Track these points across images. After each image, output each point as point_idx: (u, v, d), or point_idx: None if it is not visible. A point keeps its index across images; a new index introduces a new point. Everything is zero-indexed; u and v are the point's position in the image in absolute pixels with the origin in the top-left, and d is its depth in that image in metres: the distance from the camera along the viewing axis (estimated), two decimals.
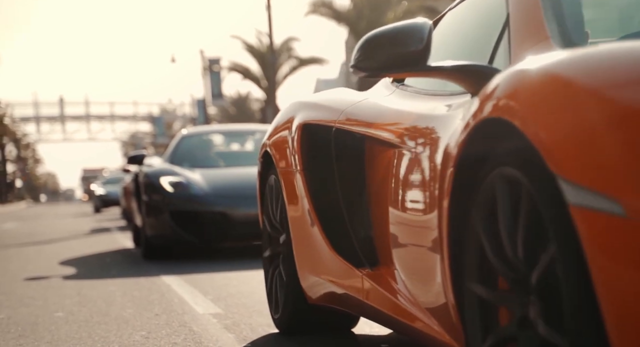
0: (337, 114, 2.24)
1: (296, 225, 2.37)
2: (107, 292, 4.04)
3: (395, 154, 1.89)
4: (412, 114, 1.90)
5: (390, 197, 1.88)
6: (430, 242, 1.60)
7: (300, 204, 2.32)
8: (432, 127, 1.73)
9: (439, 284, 1.56)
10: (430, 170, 1.64)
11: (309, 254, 2.32)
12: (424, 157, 1.70)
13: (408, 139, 1.83)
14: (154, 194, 5.78)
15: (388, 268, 1.93)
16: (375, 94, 2.28)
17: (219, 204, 5.60)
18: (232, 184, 5.79)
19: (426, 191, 1.65)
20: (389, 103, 2.10)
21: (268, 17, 20.41)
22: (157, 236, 5.72)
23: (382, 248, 1.99)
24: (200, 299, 3.62)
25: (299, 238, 2.37)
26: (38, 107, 52.92)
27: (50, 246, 8.18)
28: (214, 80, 33.33)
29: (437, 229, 1.53)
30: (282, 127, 2.54)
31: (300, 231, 2.35)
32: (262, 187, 2.76)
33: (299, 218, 2.34)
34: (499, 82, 1.30)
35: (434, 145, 1.65)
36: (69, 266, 5.77)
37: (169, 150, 6.83)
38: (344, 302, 2.20)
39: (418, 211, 1.70)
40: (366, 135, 2.08)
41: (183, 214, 5.62)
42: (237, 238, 5.64)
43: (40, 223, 15.25)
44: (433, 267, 1.58)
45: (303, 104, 2.50)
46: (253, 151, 6.88)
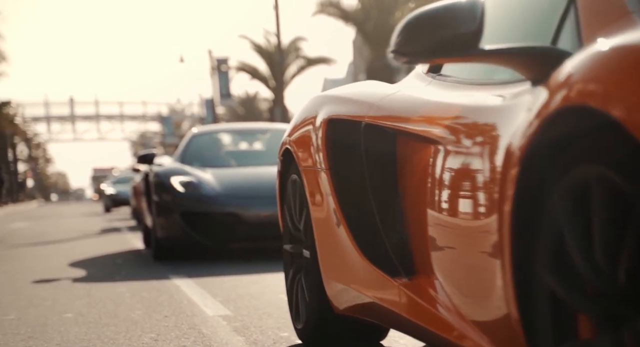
0: (366, 108, 2.03)
1: (321, 228, 2.17)
2: (116, 293, 4.03)
3: (435, 151, 1.68)
4: (456, 106, 1.67)
5: (430, 198, 1.67)
6: (486, 250, 1.38)
7: (325, 205, 2.13)
8: (485, 121, 1.51)
9: (497, 296, 1.34)
10: (484, 169, 1.43)
11: (335, 260, 2.12)
12: (475, 154, 1.49)
13: (452, 135, 1.62)
14: (165, 194, 5.65)
15: (428, 278, 1.73)
16: (409, 86, 2.06)
17: (230, 205, 5.47)
18: (244, 184, 5.65)
19: (480, 192, 1.43)
20: (427, 95, 1.87)
21: (276, 17, 20.42)
22: (167, 237, 5.61)
23: (419, 255, 1.78)
24: (210, 301, 3.60)
25: (324, 242, 2.16)
26: (48, 107, 53.22)
27: (61, 246, 8.20)
28: (222, 80, 33.37)
29: (495, 234, 1.33)
30: (304, 123, 2.33)
31: (325, 234, 2.15)
32: (282, 187, 2.56)
33: (324, 220, 2.15)
34: (575, 66, 1.11)
35: (489, 140, 1.44)
36: (78, 266, 5.78)
37: (180, 150, 6.66)
38: (376, 314, 1.99)
39: (469, 214, 1.49)
40: (400, 131, 1.87)
41: (194, 214, 5.50)
42: (249, 239, 5.53)
43: (50, 223, 15.32)
44: (489, 278, 1.37)
45: (328, 97, 2.28)
46: (265, 150, 6.73)
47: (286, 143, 2.46)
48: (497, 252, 1.33)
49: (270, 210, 5.26)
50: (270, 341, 2.62)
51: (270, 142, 6.84)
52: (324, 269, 2.18)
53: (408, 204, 1.84)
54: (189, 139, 6.76)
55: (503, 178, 1.31)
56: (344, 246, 2.04)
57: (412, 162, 1.82)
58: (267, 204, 5.30)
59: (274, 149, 6.73)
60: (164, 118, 52.66)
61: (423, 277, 1.75)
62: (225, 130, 7.55)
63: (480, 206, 1.43)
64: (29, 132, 48.24)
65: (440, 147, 1.66)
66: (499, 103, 1.52)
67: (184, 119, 60.22)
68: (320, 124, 2.20)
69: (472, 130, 1.58)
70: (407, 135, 1.85)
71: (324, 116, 2.20)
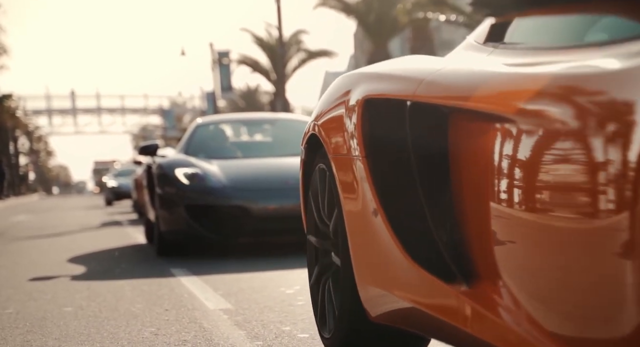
0: (414, 85, 1.67)
1: (355, 224, 1.85)
2: (116, 287, 4.00)
3: (508, 134, 1.34)
4: (543, 77, 1.28)
5: (500, 191, 1.36)
6: (613, 251, 1.08)
7: (360, 198, 1.80)
8: (600, 90, 1.13)
9: (622, 305, 1.07)
10: (596, 155, 1.11)
11: (372, 261, 1.80)
12: (585, 137, 1.13)
13: (540, 112, 1.25)
14: (169, 187, 5.41)
15: (493, 283, 1.42)
16: (462, 59, 1.72)
17: (237, 198, 5.23)
18: (251, 177, 5.41)
19: (597, 183, 1.10)
20: (492, 66, 1.52)
21: (277, 10, 20.32)
22: (171, 231, 5.36)
23: (480, 256, 1.47)
24: (211, 294, 3.57)
25: (359, 241, 1.85)
26: (50, 100, 53.18)
27: (61, 239, 8.17)
28: (223, 73, 33.29)
29: (626, 232, 1.04)
30: (336, 104, 1.99)
31: (360, 231, 1.83)
32: (305, 178, 2.25)
33: (359, 215, 1.83)
34: None
35: (608, 118, 1.09)
36: (78, 260, 5.75)
37: (183, 141, 6.38)
38: (419, 324, 1.68)
39: (575, 211, 1.16)
40: (456, 111, 1.54)
41: (199, 207, 5.26)
42: (256, 233, 5.28)
43: (51, 216, 15.30)
44: (608, 284, 1.09)
45: (363, 75, 1.93)
46: (273, 141, 6.48)
47: (312, 129, 2.13)
48: (627, 253, 1.05)
49: (278, 203, 5.17)
50: (272, 335, 2.58)
51: (278, 133, 6.58)
52: (358, 271, 1.86)
53: (465, 197, 1.52)
54: (194, 129, 6.48)
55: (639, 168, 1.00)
56: (384, 245, 1.73)
57: (471, 147, 1.49)
58: (275, 196, 5.21)
59: (282, 140, 6.36)
60: (166, 111, 52.62)
61: (486, 283, 1.44)
62: (231, 120, 7.12)
63: (601, 201, 1.11)
64: (30, 125, 48.21)
65: (517, 129, 1.31)
66: (620, 66, 1.12)
67: (185, 112, 60.13)
68: (355, 105, 1.85)
69: (575, 107, 1.19)
70: (465, 115, 1.51)
71: (360, 96, 1.85)
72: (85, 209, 19.17)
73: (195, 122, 6.68)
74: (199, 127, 6.53)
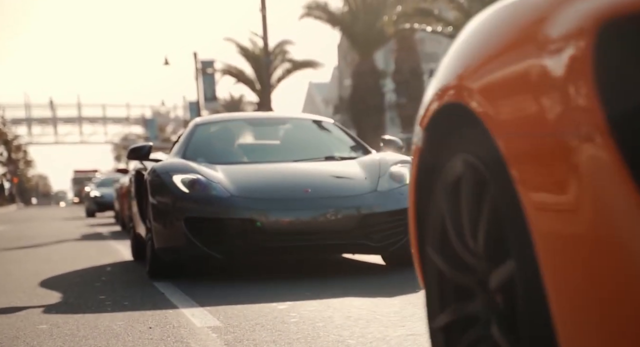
0: None
1: (570, 255, 0.94)
2: (96, 302, 3.76)
3: None
4: None
5: None
6: None
7: (590, 208, 0.90)
8: None
9: None
10: None
11: (607, 314, 0.88)
12: None
13: None
14: (164, 196, 4.45)
15: None
16: None
17: (247, 209, 4.28)
18: (263, 184, 4.48)
19: None
20: None
21: (262, 19, 20.18)
22: (168, 249, 4.43)
23: None
24: (197, 310, 3.35)
25: (575, 280, 0.94)
26: (30, 109, 52.48)
27: (38, 251, 7.87)
28: (207, 83, 33.06)
29: None
30: (519, 44, 1.03)
31: (579, 265, 0.93)
32: (423, 179, 1.39)
33: (579, 238, 0.92)
34: None
35: None
36: (56, 272, 5.48)
37: (180, 143, 5.39)
38: None
39: None
40: None
41: (201, 221, 4.32)
42: (269, 252, 4.32)
43: (29, 226, 14.90)
44: None
45: None
46: (283, 144, 5.50)
47: (450, 95, 1.23)
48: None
49: (294, 215, 4.29)
50: None
51: (289, 135, 5.63)
52: (570, 330, 0.95)
53: None
54: (192, 129, 5.47)
55: None
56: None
57: None
58: (290, 208, 4.32)
59: (295, 143, 5.54)
60: (148, 121, 52.17)
61: None
62: (234, 119, 6.00)
63: None
64: (9, 134, 47.48)
65: None
66: None
67: (168, 122, 59.69)
68: (580, 37, 0.90)
69: None
70: None
71: (587, 19, 0.89)
72: (64, 220, 18.75)
73: (193, 122, 5.69)
74: (198, 127, 5.52)
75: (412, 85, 28.20)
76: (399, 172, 4.64)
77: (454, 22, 16.05)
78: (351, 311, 3.13)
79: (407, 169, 4.65)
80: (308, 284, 4.06)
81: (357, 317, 2.99)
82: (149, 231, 4.76)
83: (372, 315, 3.03)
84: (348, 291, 3.74)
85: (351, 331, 2.71)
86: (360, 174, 4.64)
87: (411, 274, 4.41)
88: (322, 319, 2.97)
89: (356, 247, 4.43)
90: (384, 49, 33.35)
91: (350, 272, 4.72)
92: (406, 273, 4.44)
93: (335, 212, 4.31)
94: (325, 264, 5.11)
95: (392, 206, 4.41)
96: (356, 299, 3.46)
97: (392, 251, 4.44)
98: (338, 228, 4.30)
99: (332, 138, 5.58)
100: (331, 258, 5.43)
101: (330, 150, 5.33)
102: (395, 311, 3.12)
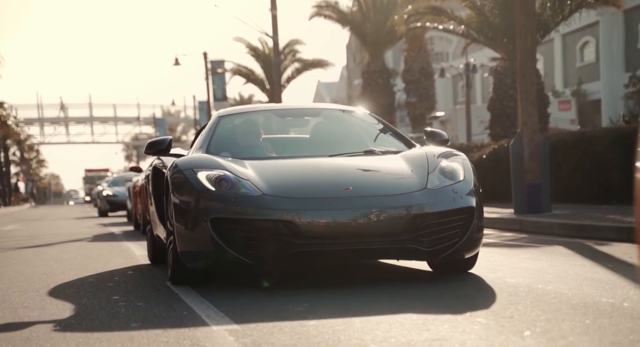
0: None
1: None
2: (110, 303, 3.70)
3: None
4: None
5: None
6: None
7: None
8: None
9: None
10: None
11: None
12: None
13: None
14: (189, 195, 3.98)
15: None
16: None
17: (282, 209, 3.79)
18: (297, 181, 3.99)
19: None
20: None
21: (272, 18, 20.10)
22: (192, 254, 3.96)
23: None
24: (213, 312, 3.27)
25: None
26: (42, 109, 52.75)
27: (50, 250, 7.84)
28: (217, 83, 33.07)
29: None
30: None
31: None
32: None
33: None
34: None
35: None
36: (68, 272, 5.43)
37: (203, 136, 4.88)
38: None
39: None
40: None
41: (230, 222, 3.83)
42: (308, 257, 3.80)
43: (41, 225, 14.92)
44: None
45: None
46: (317, 137, 4.94)
47: None
48: None
49: (330, 216, 3.77)
50: None
51: (321, 127, 5.09)
52: None
53: None
54: (215, 122, 4.99)
55: None
56: None
57: None
58: (327, 207, 3.81)
59: (328, 136, 4.98)
60: (158, 121, 52.28)
61: None
62: (261, 111, 5.43)
63: None
64: (21, 134, 47.74)
65: None
66: None
67: (178, 122, 59.81)
68: None
69: None
70: None
71: None
72: (76, 219, 18.77)
73: (217, 113, 5.22)
74: (222, 119, 5.04)
75: (422, 85, 28.09)
76: (450, 168, 4.11)
77: (466, 20, 15.90)
78: (371, 314, 3.04)
79: (459, 164, 4.17)
80: (325, 286, 3.97)
81: (378, 320, 2.91)
82: (170, 233, 4.28)
83: (393, 318, 2.94)
84: (366, 292, 3.66)
85: (373, 335, 2.62)
86: (406, 170, 4.11)
87: (430, 274, 4.32)
88: (342, 322, 2.89)
89: (404, 252, 3.86)
90: (393, 49, 33.20)
91: (367, 272, 4.62)
92: (425, 274, 4.35)
93: (380, 212, 3.76)
94: (341, 265, 5.01)
95: (445, 205, 3.88)
96: (375, 301, 3.37)
97: (444, 257, 3.90)
98: (383, 230, 3.77)
99: (369, 130, 5.00)
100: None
101: (369, 143, 4.78)
102: (417, 313, 3.03)
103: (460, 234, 3.93)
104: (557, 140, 11.18)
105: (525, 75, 8.96)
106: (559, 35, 27.20)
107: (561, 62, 29.55)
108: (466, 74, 27.97)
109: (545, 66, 29.58)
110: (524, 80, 8.98)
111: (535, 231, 7.56)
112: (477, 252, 4.19)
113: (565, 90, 28.89)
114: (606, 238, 6.39)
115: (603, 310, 2.97)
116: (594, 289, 3.51)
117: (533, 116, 8.99)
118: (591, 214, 8.12)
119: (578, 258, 5.05)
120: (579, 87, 27.92)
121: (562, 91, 28.86)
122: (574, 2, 13.62)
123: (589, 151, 10.56)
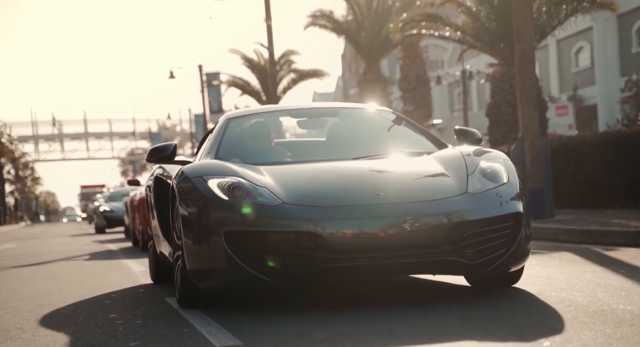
0: None
1: None
2: (107, 321, 3.55)
3: None
4: None
5: None
6: None
7: None
8: None
9: None
10: None
11: None
12: None
13: None
14: (198, 205, 3.50)
15: None
16: None
17: (304, 220, 3.31)
18: (321, 188, 3.53)
19: None
20: None
21: (267, 29, 20.07)
22: (203, 272, 3.49)
23: None
24: (214, 329, 3.12)
25: None
26: (36, 126, 52.66)
27: (45, 268, 7.68)
28: (212, 95, 33.03)
29: None
30: None
31: None
32: None
33: None
34: None
35: None
36: (64, 290, 5.28)
37: (210, 140, 4.39)
38: None
39: None
40: None
41: (246, 235, 3.36)
42: (335, 273, 3.31)
43: (37, 244, 14.74)
44: None
45: None
46: (336, 140, 4.44)
47: None
48: None
49: (357, 226, 3.31)
50: None
51: (341, 127, 4.58)
52: None
53: None
54: (224, 125, 4.47)
55: None
56: None
57: None
58: (356, 216, 3.35)
59: (350, 137, 4.49)
60: (154, 135, 52.20)
61: None
62: (273, 112, 4.90)
63: None
64: (16, 152, 47.59)
65: None
66: None
67: (174, 135, 59.73)
68: None
69: None
70: None
71: None
72: (72, 236, 18.57)
73: (225, 116, 4.68)
74: (231, 121, 4.51)
75: (418, 93, 28.09)
76: (492, 169, 3.62)
77: (462, 26, 15.87)
78: (381, 326, 2.90)
79: (501, 165, 3.68)
80: (331, 297, 3.84)
81: (388, 332, 2.77)
82: (177, 249, 3.80)
83: (406, 330, 2.80)
84: (374, 302, 3.52)
85: None
86: (442, 173, 3.62)
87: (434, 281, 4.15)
88: (350, 336, 2.75)
89: (444, 267, 3.36)
90: (389, 57, 33.23)
91: (384, 287, 4.48)
92: (431, 279, 4.21)
93: (415, 220, 3.27)
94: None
95: (489, 211, 3.39)
96: (384, 312, 3.24)
97: (489, 270, 3.40)
98: (420, 242, 3.28)
99: (392, 130, 4.50)
100: None
101: (396, 144, 4.25)
102: (431, 324, 2.89)
103: (507, 243, 3.43)
104: (558, 145, 11.09)
105: (524, 78, 8.89)
106: (553, 41, 27.27)
107: (556, 67, 29.61)
108: (463, 80, 28.00)
109: (541, 72, 29.62)
110: (523, 83, 8.90)
111: (539, 237, 7.44)
112: (523, 266, 3.67)
113: (561, 96, 28.92)
114: (613, 243, 6.27)
115: (622, 318, 2.84)
116: (610, 296, 3.38)
117: (534, 120, 8.90)
118: (595, 219, 8.01)
119: (588, 264, 4.93)
120: (575, 93, 27.95)
121: (558, 97, 28.89)
122: (570, 6, 13.60)
123: (590, 155, 10.48)
